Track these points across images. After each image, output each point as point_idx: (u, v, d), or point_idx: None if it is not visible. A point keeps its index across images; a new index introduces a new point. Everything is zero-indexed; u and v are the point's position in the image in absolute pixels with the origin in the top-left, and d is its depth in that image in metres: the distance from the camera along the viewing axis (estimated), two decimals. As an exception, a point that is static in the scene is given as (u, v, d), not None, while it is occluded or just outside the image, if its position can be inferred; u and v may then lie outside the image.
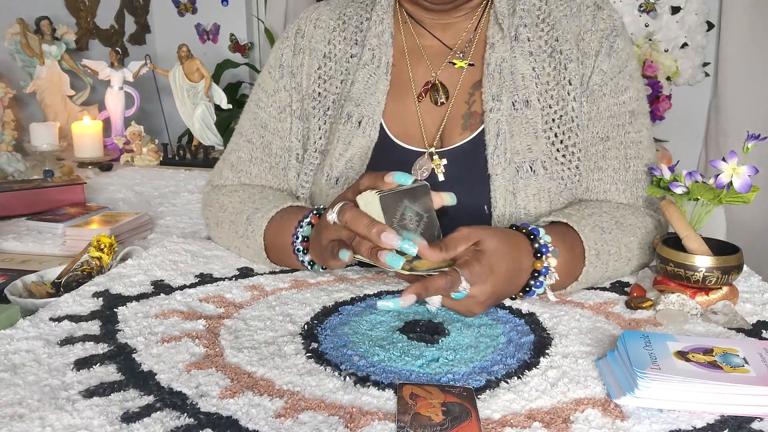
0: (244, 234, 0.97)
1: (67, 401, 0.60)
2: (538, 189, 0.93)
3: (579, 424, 0.57)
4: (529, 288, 0.81)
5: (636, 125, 0.98)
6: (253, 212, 0.97)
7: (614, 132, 0.97)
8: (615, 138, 0.97)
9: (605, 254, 0.87)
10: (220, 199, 1.05)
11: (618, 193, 0.97)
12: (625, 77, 0.98)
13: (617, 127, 0.97)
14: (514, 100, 0.95)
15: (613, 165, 0.97)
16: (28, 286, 0.94)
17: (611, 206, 0.94)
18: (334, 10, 1.07)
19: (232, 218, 1.00)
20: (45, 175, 1.68)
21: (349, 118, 0.99)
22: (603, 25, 0.97)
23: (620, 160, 0.97)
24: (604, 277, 0.89)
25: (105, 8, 2.84)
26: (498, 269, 0.74)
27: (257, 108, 1.09)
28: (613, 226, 0.89)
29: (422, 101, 0.99)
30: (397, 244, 0.69)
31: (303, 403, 0.60)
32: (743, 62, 2.80)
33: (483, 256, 0.73)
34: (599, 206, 0.93)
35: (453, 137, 0.97)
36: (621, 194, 0.97)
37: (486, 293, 0.73)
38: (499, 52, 0.96)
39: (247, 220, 0.96)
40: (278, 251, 0.94)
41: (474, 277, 0.72)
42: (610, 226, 0.89)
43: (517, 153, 0.93)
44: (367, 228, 0.71)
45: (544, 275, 0.80)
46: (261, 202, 0.98)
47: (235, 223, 0.99)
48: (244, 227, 0.96)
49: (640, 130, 0.98)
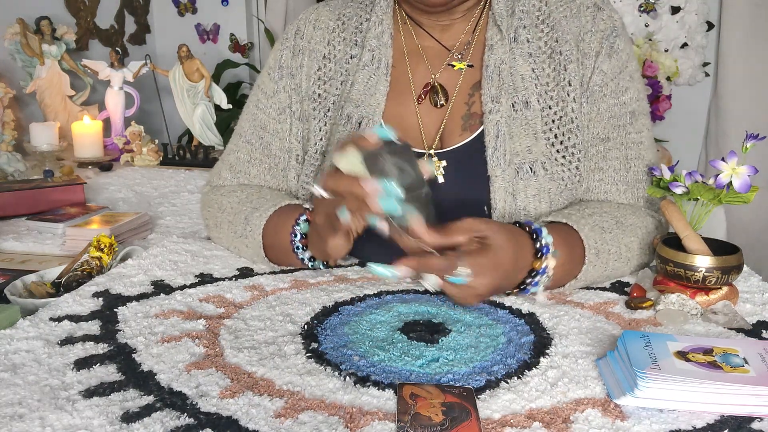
0: (242, 234, 0.97)
1: (67, 401, 0.60)
2: (538, 190, 0.93)
3: (579, 424, 0.57)
4: (524, 286, 0.82)
5: (637, 126, 0.98)
6: (251, 212, 0.97)
7: (615, 132, 0.97)
8: (616, 138, 0.97)
9: (605, 254, 0.87)
10: (219, 199, 1.05)
11: (619, 193, 0.97)
12: (626, 78, 0.97)
13: (618, 127, 0.97)
14: (514, 101, 0.95)
15: (614, 165, 0.97)
16: (28, 286, 0.94)
17: (612, 206, 0.94)
18: (333, 11, 1.06)
19: (231, 218, 1.00)
20: (45, 175, 1.68)
21: (349, 120, 0.99)
22: (603, 26, 0.97)
23: (621, 161, 0.97)
24: (603, 276, 0.89)
25: (105, 8, 2.84)
26: (501, 265, 0.76)
27: (256, 109, 1.09)
28: (613, 226, 0.89)
29: (422, 103, 0.99)
30: (380, 188, 0.70)
31: (303, 403, 0.60)
32: (743, 62, 2.80)
33: (489, 251, 0.75)
34: (600, 206, 0.93)
35: (452, 138, 0.97)
36: (622, 195, 0.97)
37: (486, 286, 0.75)
38: (498, 53, 0.96)
39: (245, 220, 0.96)
40: (277, 250, 0.94)
41: (478, 269, 0.73)
42: (611, 226, 0.89)
43: (516, 154, 0.93)
44: (349, 183, 0.72)
45: (541, 275, 0.81)
46: (259, 202, 0.98)
47: (233, 223, 0.99)
48: (243, 227, 0.97)
49: (641, 131, 0.98)
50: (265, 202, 0.97)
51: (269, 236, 0.94)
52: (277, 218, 0.94)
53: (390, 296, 0.84)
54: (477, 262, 0.73)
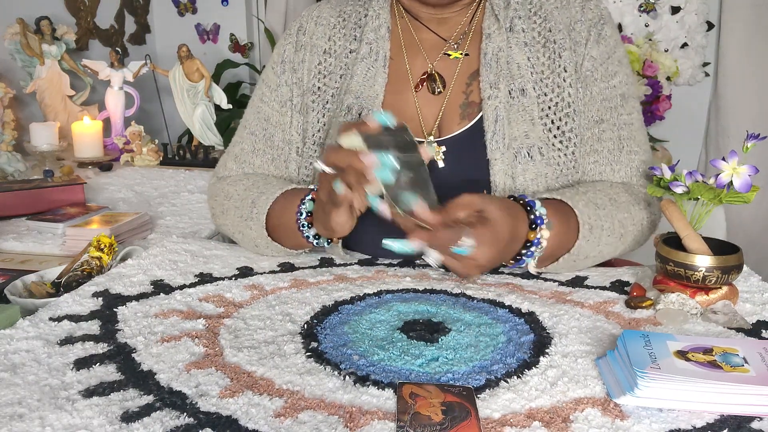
0: (248, 217, 0.99)
1: (67, 401, 0.60)
2: (536, 174, 0.96)
3: (579, 424, 0.57)
4: (519, 257, 0.85)
5: (627, 108, 1.02)
6: (258, 196, 0.99)
7: (608, 114, 1.01)
8: (609, 120, 1.01)
9: (598, 229, 0.90)
10: (225, 188, 1.08)
11: (613, 173, 1.01)
12: (614, 62, 1.02)
13: (610, 109, 1.01)
14: (511, 88, 0.98)
15: (608, 146, 1.01)
16: (28, 286, 0.94)
17: (605, 185, 0.98)
18: (334, 8, 1.10)
19: (237, 204, 1.02)
20: (45, 175, 1.68)
21: (349, 110, 1.02)
22: (591, 15, 1.02)
23: (614, 141, 1.01)
24: (596, 251, 0.91)
25: (105, 8, 2.84)
26: (501, 236, 0.79)
27: (261, 102, 1.12)
28: (606, 203, 0.92)
29: (420, 92, 1.02)
30: (377, 160, 0.73)
31: (303, 402, 0.60)
32: (743, 62, 2.80)
33: (488, 222, 0.78)
34: (593, 185, 0.97)
35: (451, 126, 1.00)
36: (616, 174, 1.01)
37: (486, 257, 0.77)
38: (496, 42, 1.00)
39: (252, 204, 0.99)
40: (282, 230, 0.96)
41: (480, 239, 0.76)
42: (604, 203, 0.92)
43: (515, 139, 0.96)
44: (348, 156, 0.76)
45: (536, 246, 0.84)
46: (266, 187, 1.01)
47: (240, 208, 1.01)
48: (249, 210, 0.99)
49: (631, 113, 1.03)
50: (272, 188, 1.00)
51: (275, 217, 0.96)
52: (284, 200, 0.96)
53: (390, 295, 0.84)
54: (478, 233, 0.76)
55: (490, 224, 0.78)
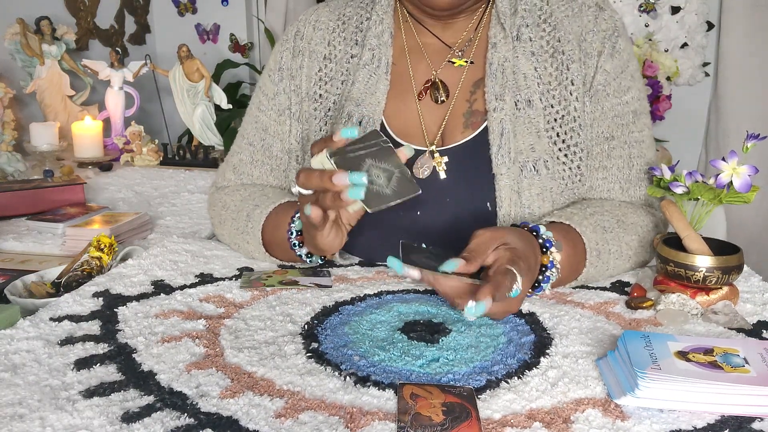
0: (244, 230, 0.98)
1: (68, 401, 0.60)
2: (541, 188, 0.94)
3: (579, 424, 0.57)
4: (537, 284, 0.82)
5: (639, 125, 0.99)
6: (252, 209, 0.98)
7: (618, 131, 0.98)
8: (619, 137, 0.98)
9: (606, 254, 0.88)
10: (223, 198, 1.07)
11: (621, 191, 0.98)
12: (627, 77, 0.98)
13: (621, 126, 0.98)
14: (517, 99, 0.95)
15: (618, 164, 0.98)
16: (28, 286, 0.94)
17: (613, 205, 0.95)
18: (333, 11, 1.07)
19: (234, 215, 1.02)
20: (45, 175, 1.68)
21: (349, 118, 0.99)
22: (605, 26, 0.97)
23: (624, 159, 0.98)
24: (605, 275, 0.91)
25: (105, 8, 2.84)
26: (531, 264, 0.76)
27: (258, 111, 1.10)
28: (614, 225, 0.90)
29: (423, 99, 0.99)
30: (347, 180, 0.71)
31: (303, 403, 0.60)
32: (743, 62, 2.80)
33: (517, 253, 0.74)
34: (601, 205, 0.94)
35: (454, 135, 0.97)
36: (624, 193, 0.98)
37: (525, 289, 0.74)
38: (502, 51, 0.97)
39: (247, 217, 0.98)
40: (277, 247, 0.96)
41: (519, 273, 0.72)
42: (612, 225, 0.90)
43: (520, 152, 0.94)
44: (319, 178, 0.73)
45: (550, 269, 0.82)
46: (260, 199, 1.00)
47: (236, 220, 1.01)
48: (245, 223, 0.98)
49: (642, 130, 1.00)
50: (266, 200, 0.99)
51: (269, 233, 0.95)
52: (276, 216, 0.95)
53: (390, 296, 0.84)
54: (520, 268, 0.72)
55: (518, 255, 0.74)
